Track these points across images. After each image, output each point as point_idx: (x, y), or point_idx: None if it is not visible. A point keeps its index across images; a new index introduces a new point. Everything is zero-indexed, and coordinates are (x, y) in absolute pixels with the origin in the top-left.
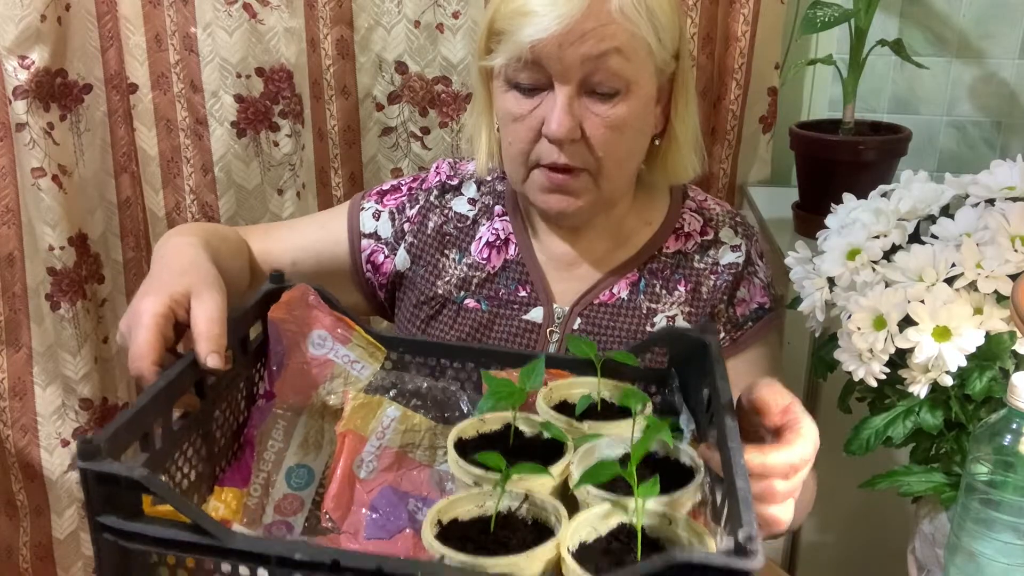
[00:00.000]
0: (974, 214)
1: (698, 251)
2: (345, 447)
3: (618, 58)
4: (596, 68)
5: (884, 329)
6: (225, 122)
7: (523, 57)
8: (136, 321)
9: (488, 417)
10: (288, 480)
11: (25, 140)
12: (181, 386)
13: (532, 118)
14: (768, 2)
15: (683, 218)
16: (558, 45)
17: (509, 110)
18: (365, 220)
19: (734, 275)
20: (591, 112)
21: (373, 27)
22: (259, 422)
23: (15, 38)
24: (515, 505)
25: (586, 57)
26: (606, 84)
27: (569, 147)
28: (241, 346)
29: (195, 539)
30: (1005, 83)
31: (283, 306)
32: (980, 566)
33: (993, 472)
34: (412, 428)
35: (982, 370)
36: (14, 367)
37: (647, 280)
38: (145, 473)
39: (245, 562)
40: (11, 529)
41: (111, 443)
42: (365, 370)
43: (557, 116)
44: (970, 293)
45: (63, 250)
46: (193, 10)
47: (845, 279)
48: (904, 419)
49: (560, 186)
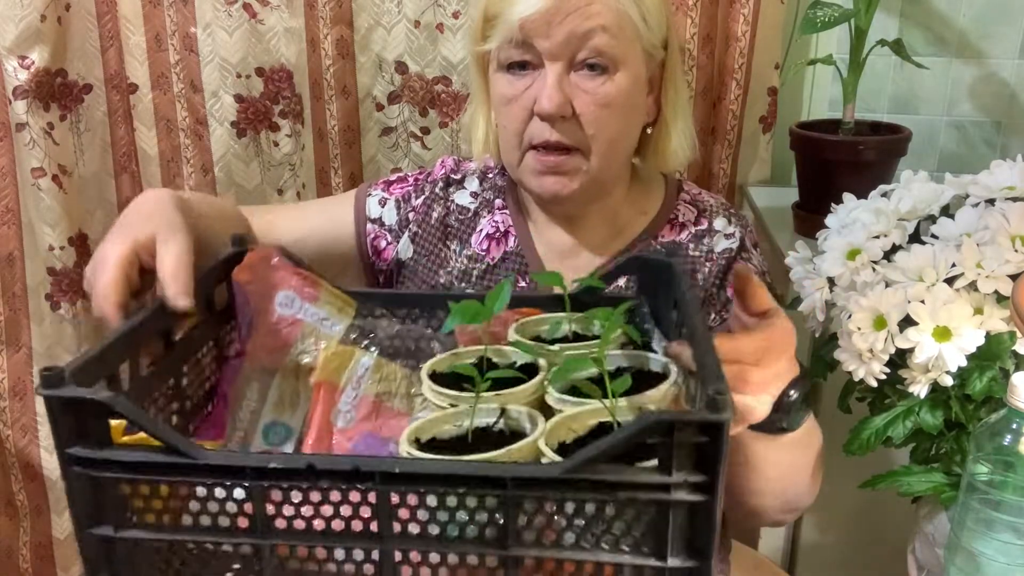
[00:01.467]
0: (974, 214)
1: (693, 240)
2: (321, 398)
3: (604, 35)
4: (583, 45)
5: (884, 329)
6: (225, 122)
7: (514, 37)
8: (100, 266)
9: (460, 351)
10: (265, 437)
11: (25, 140)
12: (147, 331)
13: (524, 98)
14: (768, 2)
15: (678, 209)
16: (546, 23)
17: (503, 93)
18: (371, 205)
19: (727, 260)
20: (580, 89)
21: (373, 27)
22: (232, 378)
23: (15, 38)
24: (492, 420)
25: (572, 34)
26: (593, 60)
27: (560, 125)
28: (207, 307)
29: (167, 459)
30: (1005, 83)
31: (247, 268)
32: (980, 566)
33: (993, 472)
34: (387, 377)
35: (982, 370)
36: (14, 367)
37: None
38: (111, 395)
39: (220, 478)
40: (11, 529)
41: (76, 375)
42: (336, 326)
43: (547, 92)
44: (970, 293)
45: (63, 250)
46: (193, 10)
47: (845, 279)
48: (904, 419)
49: (553, 167)
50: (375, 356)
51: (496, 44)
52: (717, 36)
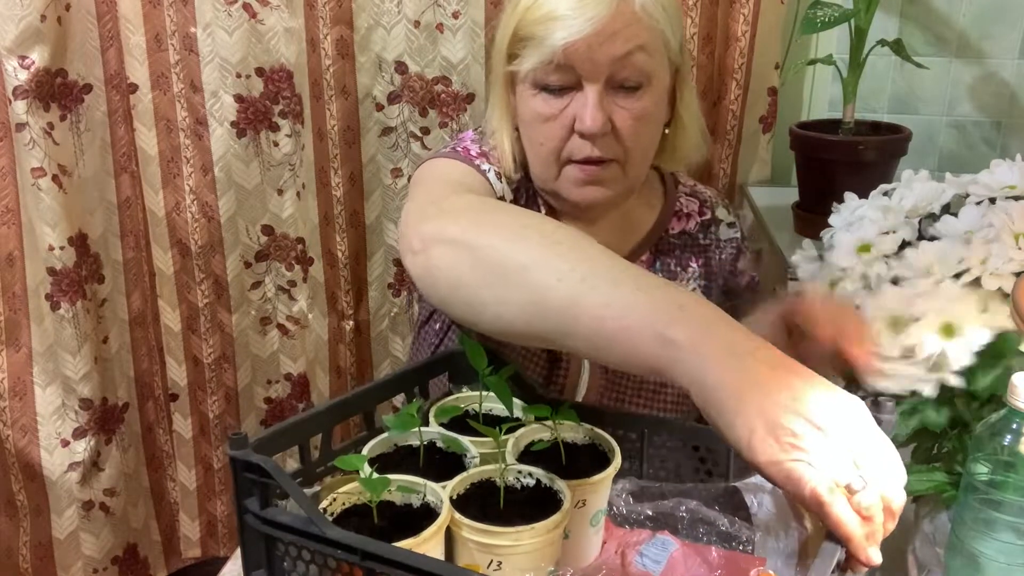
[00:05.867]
0: (978, 212)
1: (700, 230)
2: None
3: (642, 55)
4: (624, 66)
5: (899, 330)
6: (225, 122)
7: (554, 60)
8: None
9: None
10: None
11: (25, 140)
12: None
13: (564, 117)
14: (768, 2)
15: (680, 201)
16: (588, 46)
17: (539, 111)
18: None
19: (736, 248)
20: (618, 106)
21: (373, 27)
22: None
23: (15, 38)
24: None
25: (615, 57)
26: (632, 79)
27: (600, 141)
28: None
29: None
30: (1005, 83)
31: None
32: (980, 566)
33: (993, 472)
34: None
35: (987, 368)
36: (14, 367)
37: (661, 261)
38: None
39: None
40: (11, 529)
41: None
42: None
43: (591, 113)
44: (976, 290)
45: (63, 250)
46: (193, 10)
47: (856, 272)
48: (908, 418)
49: (593, 178)
50: None
51: (531, 65)
52: (717, 36)
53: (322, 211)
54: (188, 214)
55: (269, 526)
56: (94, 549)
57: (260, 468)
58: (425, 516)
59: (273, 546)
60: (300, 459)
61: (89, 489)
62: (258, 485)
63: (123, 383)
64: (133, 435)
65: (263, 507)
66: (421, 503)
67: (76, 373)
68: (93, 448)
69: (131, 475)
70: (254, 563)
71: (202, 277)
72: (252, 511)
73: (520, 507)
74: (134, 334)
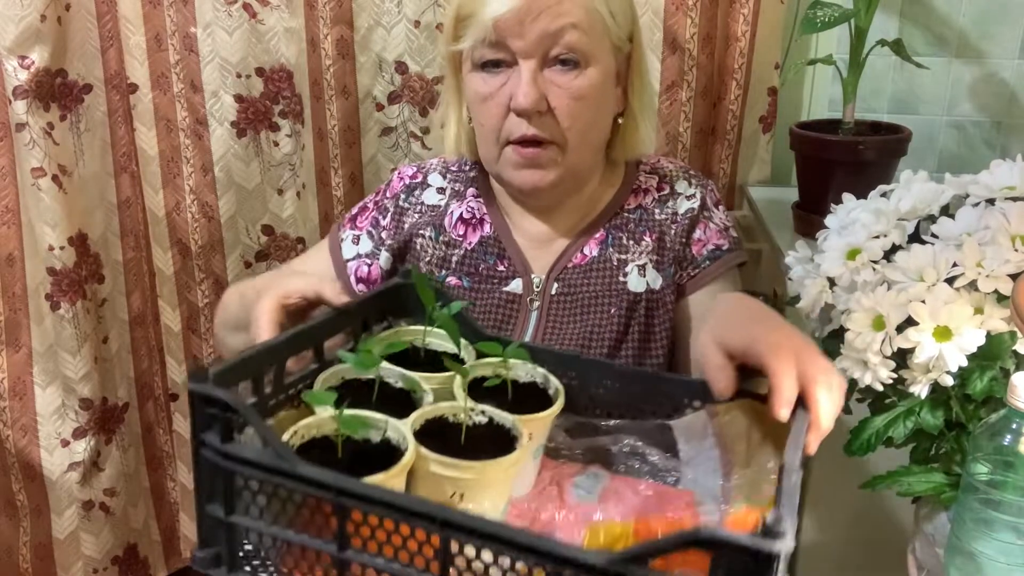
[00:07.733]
0: (975, 214)
1: (657, 205)
2: None
3: (576, 32)
4: (555, 42)
5: (883, 331)
6: (225, 122)
7: (487, 37)
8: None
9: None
10: None
11: (25, 140)
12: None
13: (500, 95)
14: (768, 2)
15: (639, 179)
16: (519, 22)
17: (478, 91)
18: (346, 249)
19: (691, 219)
20: (554, 84)
21: (373, 27)
22: None
23: (15, 38)
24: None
25: (545, 32)
26: (566, 56)
27: (536, 119)
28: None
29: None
30: (1005, 83)
31: None
32: (980, 566)
33: (993, 472)
34: None
35: (983, 370)
36: (14, 367)
37: (613, 235)
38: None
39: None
40: (11, 529)
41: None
42: None
43: (523, 88)
44: (971, 293)
45: (63, 250)
46: (193, 10)
47: (845, 279)
48: (905, 419)
49: (531, 160)
50: None
51: (469, 44)
52: (717, 36)
53: (322, 211)
54: (188, 214)
55: (231, 461)
56: (94, 549)
57: (222, 402)
58: (385, 452)
59: (230, 481)
60: (254, 391)
61: (89, 489)
62: (220, 419)
63: (123, 383)
64: (133, 435)
65: (224, 441)
66: (381, 438)
67: (76, 373)
68: (93, 448)
69: (131, 475)
70: (208, 497)
71: (202, 277)
72: (212, 445)
73: (475, 442)
74: (134, 334)
